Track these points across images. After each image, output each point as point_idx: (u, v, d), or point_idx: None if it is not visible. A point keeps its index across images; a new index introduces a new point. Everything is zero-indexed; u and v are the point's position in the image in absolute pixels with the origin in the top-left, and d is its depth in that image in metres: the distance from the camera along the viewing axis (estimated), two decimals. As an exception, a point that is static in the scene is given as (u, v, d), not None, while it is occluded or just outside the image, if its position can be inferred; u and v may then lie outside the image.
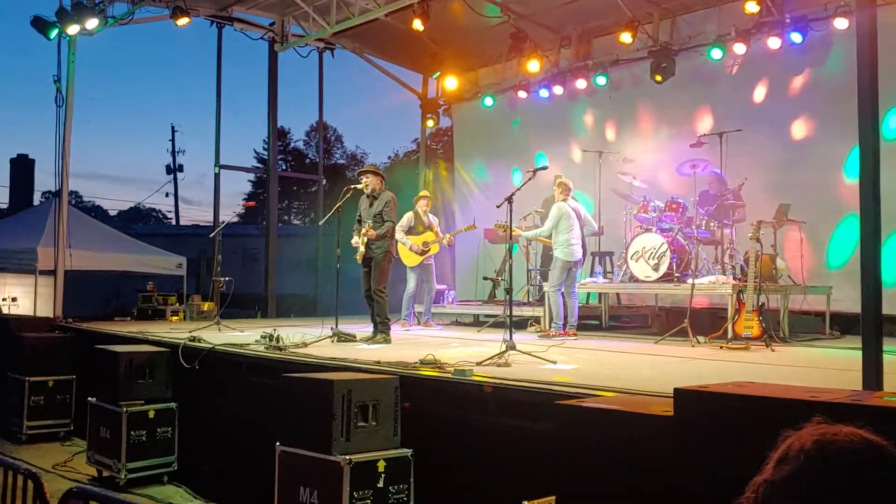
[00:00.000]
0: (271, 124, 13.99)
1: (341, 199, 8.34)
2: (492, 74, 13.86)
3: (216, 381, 7.56)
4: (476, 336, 9.44)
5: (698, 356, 6.96)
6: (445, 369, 5.70)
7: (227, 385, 7.45)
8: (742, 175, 9.25)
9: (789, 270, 9.40)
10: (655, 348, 7.84)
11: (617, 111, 12.05)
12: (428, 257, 10.59)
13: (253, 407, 6.86)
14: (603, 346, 8.03)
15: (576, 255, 8.93)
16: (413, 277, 10.60)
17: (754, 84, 10.66)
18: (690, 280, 8.59)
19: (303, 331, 8.66)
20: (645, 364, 6.44)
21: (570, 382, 4.80)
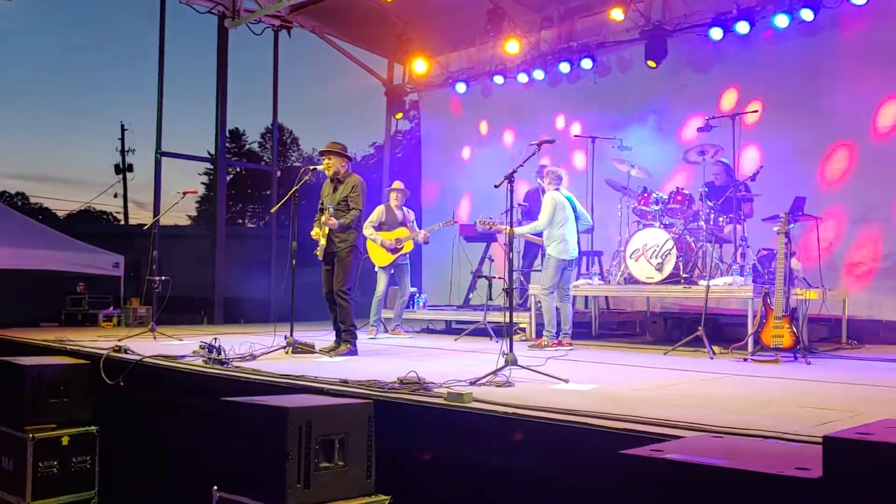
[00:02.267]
0: (219, 108, 12.64)
1: (298, 181, 7.04)
2: (465, 58, 12.83)
3: (145, 402, 6.37)
4: (455, 346, 8.35)
5: (726, 371, 5.94)
6: (434, 391, 4.46)
7: (157, 407, 6.22)
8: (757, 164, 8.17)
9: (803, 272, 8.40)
10: (669, 361, 6.79)
11: (604, 97, 10.99)
12: (402, 256, 9.35)
13: (188, 436, 5.63)
14: (605, 359, 6.93)
15: (572, 253, 7.79)
16: (384, 279, 9.36)
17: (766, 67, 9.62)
18: (704, 282, 7.48)
19: (252, 339, 7.53)
20: (673, 382, 5.34)
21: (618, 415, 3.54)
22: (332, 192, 7.25)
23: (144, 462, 6.22)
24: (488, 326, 8.84)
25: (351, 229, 7.12)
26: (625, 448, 2.72)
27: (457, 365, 6.22)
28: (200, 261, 14.90)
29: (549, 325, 7.67)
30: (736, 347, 7.04)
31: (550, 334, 7.67)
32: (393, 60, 13.89)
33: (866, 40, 8.99)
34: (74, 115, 72.92)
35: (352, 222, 7.09)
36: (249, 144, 39.03)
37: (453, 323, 10.71)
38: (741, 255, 8.03)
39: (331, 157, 7.19)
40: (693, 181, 8.63)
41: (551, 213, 7.70)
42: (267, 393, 4.73)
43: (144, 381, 6.31)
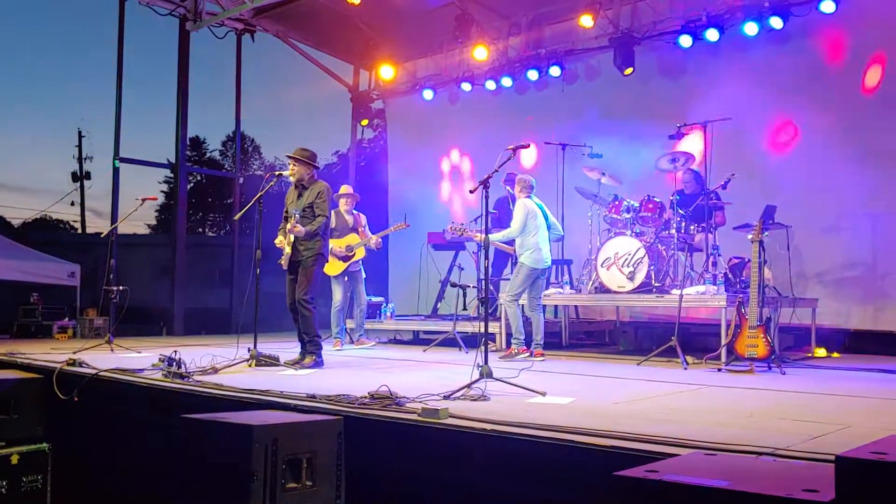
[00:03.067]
0: (180, 113, 12.31)
1: (263, 188, 6.82)
2: (432, 65, 12.69)
3: (101, 418, 6.11)
4: (424, 357, 8.18)
5: (702, 382, 5.86)
6: (407, 407, 4.26)
7: (114, 424, 5.96)
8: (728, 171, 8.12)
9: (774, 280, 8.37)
10: (643, 372, 6.70)
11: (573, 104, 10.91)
12: (354, 263, 9.12)
13: (146, 455, 5.39)
14: (579, 370, 6.82)
15: (545, 262, 7.66)
16: (339, 289, 9.12)
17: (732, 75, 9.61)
18: (676, 291, 7.40)
19: (214, 352, 7.29)
20: (651, 393, 5.23)
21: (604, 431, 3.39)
22: (296, 198, 7.05)
23: (100, 482, 5.99)
24: (458, 336, 8.68)
25: (317, 237, 6.93)
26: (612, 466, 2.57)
27: (428, 377, 6.06)
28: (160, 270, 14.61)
29: (516, 332, 7.53)
30: (710, 357, 6.97)
31: (519, 342, 7.53)
32: (359, 66, 13.72)
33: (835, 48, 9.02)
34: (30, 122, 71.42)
35: (318, 229, 6.89)
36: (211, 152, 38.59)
37: (421, 333, 10.57)
38: (713, 264, 7.97)
39: (297, 164, 6.99)
40: (664, 189, 8.54)
41: (524, 221, 7.56)
42: (230, 409, 4.54)
43: (100, 396, 6.06)
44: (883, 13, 8.70)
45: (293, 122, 54.04)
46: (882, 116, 8.61)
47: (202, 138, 38.03)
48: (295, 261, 6.95)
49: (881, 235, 8.68)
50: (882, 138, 8.60)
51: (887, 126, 8.58)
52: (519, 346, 7.55)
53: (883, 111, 8.63)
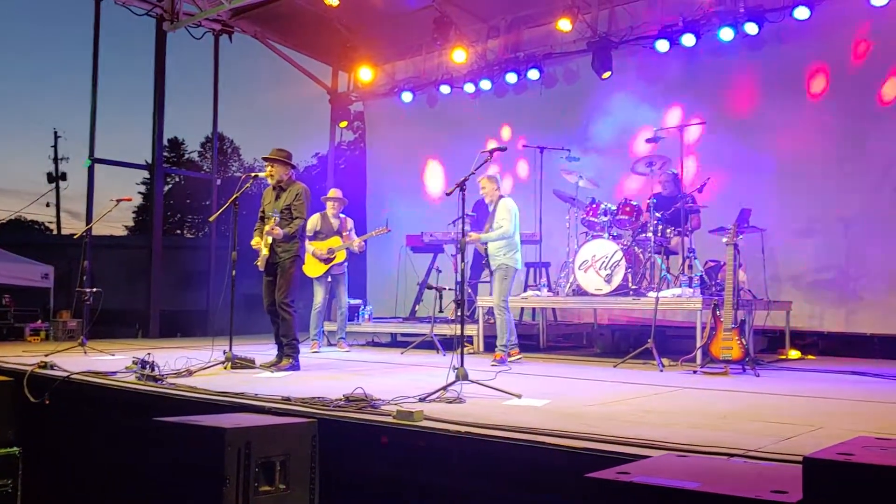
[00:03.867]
0: (157, 114, 12.20)
1: (240, 188, 6.77)
2: (411, 67, 12.68)
3: (73, 421, 6.04)
4: (402, 360, 8.15)
5: (678, 384, 5.89)
6: (382, 409, 4.24)
7: (86, 427, 5.89)
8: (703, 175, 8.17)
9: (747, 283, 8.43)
10: (619, 374, 6.73)
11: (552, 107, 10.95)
12: (338, 266, 9.07)
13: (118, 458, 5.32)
14: (556, 372, 6.83)
15: (521, 262, 7.62)
16: (320, 290, 9.07)
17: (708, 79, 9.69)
18: (653, 293, 7.43)
19: (188, 354, 7.24)
20: (627, 395, 5.23)
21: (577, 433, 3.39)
22: (273, 199, 7.00)
23: (71, 486, 5.89)
24: (435, 339, 8.67)
25: (295, 239, 6.89)
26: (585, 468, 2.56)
27: (405, 380, 6.05)
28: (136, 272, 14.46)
29: (504, 338, 7.42)
30: (685, 360, 7.01)
31: (512, 344, 7.47)
32: (337, 68, 13.68)
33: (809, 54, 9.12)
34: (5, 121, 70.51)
35: (296, 231, 6.85)
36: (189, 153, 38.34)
37: (399, 336, 10.55)
38: (689, 267, 8.02)
39: (274, 165, 6.95)
40: (641, 192, 8.59)
41: (514, 219, 7.45)
42: (203, 412, 4.50)
43: (72, 399, 5.98)
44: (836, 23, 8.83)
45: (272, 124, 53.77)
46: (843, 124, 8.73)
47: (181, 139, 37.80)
48: (272, 262, 6.91)
49: (853, 239, 8.79)
50: (849, 144, 8.71)
51: (854, 132, 8.69)
52: (511, 347, 7.48)
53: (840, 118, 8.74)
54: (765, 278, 8.33)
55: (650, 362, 7.06)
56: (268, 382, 5.85)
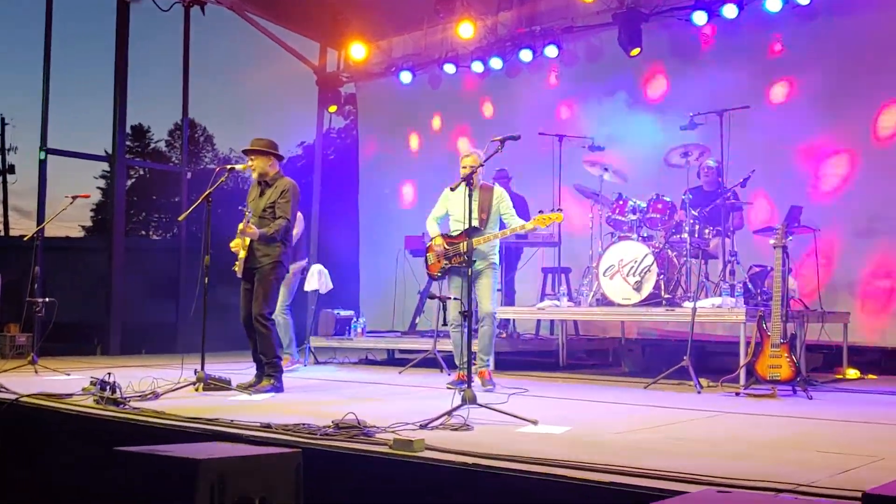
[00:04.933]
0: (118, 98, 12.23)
1: (212, 183, 6.80)
2: (410, 43, 12.71)
3: (21, 451, 6.09)
4: (400, 380, 8.20)
5: (718, 408, 5.90)
6: (377, 437, 4.27)
7: (36, 456, 5.94)
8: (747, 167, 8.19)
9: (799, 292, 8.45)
10: (650, 396, 6.74)
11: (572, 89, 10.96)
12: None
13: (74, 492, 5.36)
14: (577, 395, 6.87)
15: None
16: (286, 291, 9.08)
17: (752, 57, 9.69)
18: (689, 303, 7.45)
19: (155, 374, 7.24)
20: (659, 422, 5.25)
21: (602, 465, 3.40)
22: (257, 196, 7.05)
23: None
24: (439, 356, 8.70)
25: (276, 242, 6.90)
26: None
27: (403, 403, 6.09)
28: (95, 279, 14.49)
29: (489, 351, 7.36)
30: (726, 380, 7.01)
31: (486, 362, 7.33)
32: (326, 45, 13.70)
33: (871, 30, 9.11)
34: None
35: (276, 233, 6.87)
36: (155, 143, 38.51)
37: (397, 352, 10.60)
38: (730, 273, 8.04)
39: (255, 157, 6.99)
40: (675, 187, 8.59)
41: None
42: (172, 440, 4.54)
43: (21, 424, 6.02)
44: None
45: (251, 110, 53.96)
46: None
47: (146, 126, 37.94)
48: (251, 268, 6.94)
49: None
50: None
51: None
52: (484, 366, 7.29)
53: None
54: (818, 286, 8.33)
55: (686, 383, 7.06)
56: (245, 407, 5.88)
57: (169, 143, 37.84)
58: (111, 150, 12.83)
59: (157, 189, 33.63)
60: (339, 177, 15.22)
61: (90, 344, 12.24)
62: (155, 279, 14.69)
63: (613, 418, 5.45)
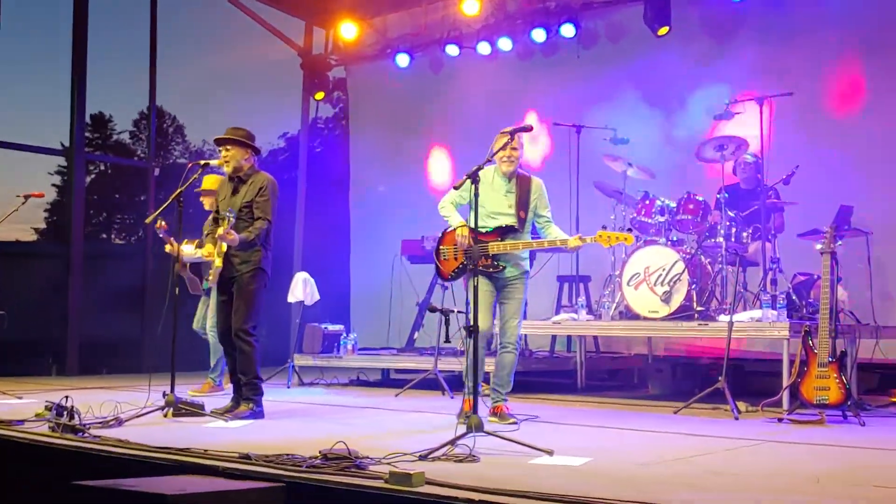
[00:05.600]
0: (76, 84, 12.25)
1: (184, 181, 6.84)
2: (408, 22, 12.75)
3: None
4: (396, 404, 8.26)
5: (758, 436, 5.91)
6: (371, 470, 4.31)
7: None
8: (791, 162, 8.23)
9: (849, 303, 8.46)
10: (681, 422, 6.77)
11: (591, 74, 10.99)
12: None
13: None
14: (598, 420, 6.92)
15: None
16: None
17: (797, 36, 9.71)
18: (724, 317, 7.47)
19: (118, 397, 7.32)
20: (691, 452, 5.25)
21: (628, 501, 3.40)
22: (230, 194, 7.06)
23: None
24: (440, 377, 8.73)
25: (256, 246, 6.92)
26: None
27: (400, 431, 6.13)
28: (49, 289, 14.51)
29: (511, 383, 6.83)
30: (768, 404, 7.05)
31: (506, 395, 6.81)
32: (312, 23, 13.74)
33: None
34: None
35: (257, 237, 6.88)
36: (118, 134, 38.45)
37: (393, 372, 10.65)
38: (771, 282, 8.05)
39: (230, 148, 7.01)
40: (709, 184, 8.62)
41: None
42: (138, 473, 4.58)
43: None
44: None
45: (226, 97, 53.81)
46: None
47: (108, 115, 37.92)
48: (228, 277, 6.95)
49: None
50: None
51: None
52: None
53: None
54: (871, 297, 8.34)
55: (722, 407, 7.09)
56: (222, 434, 5.91)
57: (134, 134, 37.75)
58: (68, 142, 12.86)
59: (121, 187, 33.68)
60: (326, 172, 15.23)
61: (44, 363, 12.24)
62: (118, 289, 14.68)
63: (639, 448, 5.47)
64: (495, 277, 6.56)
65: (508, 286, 6.69)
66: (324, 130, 20.33)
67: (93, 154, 30.97)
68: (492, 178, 6.63)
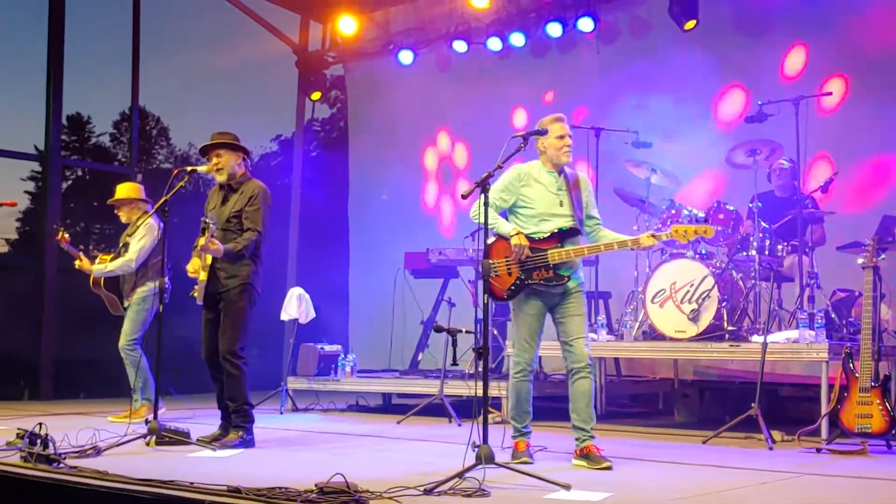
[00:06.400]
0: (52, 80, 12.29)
1: (169, 189, 6.88)
2: (412, 15, 12.86)
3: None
4: (398, 431, 8.29)
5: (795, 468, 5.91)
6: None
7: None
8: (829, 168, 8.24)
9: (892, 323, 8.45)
10: (710, 453, 6.77)
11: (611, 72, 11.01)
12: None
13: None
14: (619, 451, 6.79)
15: None
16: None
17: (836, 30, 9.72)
18: (758, 337, 7.46)
19: (97, 424, 7.37)
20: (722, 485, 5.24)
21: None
22: (220, 203, 7.09)
23: None
24: (447, 402, 8.74)
25: (244, 259, 6.94)
26: None
27: (404, 462, 6.14)
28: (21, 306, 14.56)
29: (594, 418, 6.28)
30: (805, 432, 7.01)
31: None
32: (308, 17, 13.82)
33: None
34: None
35: (245, 249, 6.90)
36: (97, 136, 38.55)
37: (395, 396, 10.68)
38: (809, 299, 8.05)
39: (221, 154, 7.05)
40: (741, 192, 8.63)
41: None
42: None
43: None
44: None
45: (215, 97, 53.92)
46: None
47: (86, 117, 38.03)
48: (214, 293, 6.98)
49: None
50: None
51: None
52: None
53: None
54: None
55: (755, 436, 7.10)
56: (209, 465, 5.95)
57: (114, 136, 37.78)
58: (43, 146, 12.91)
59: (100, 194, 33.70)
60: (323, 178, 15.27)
61: (15, 386, 12.27)
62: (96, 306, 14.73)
63: (664, 482, 5.46)
64: (550, 293, 6.09)
65: (569, 300, 6.17)
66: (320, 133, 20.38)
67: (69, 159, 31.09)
68: (538, 174, 6.22)
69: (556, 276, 6.01)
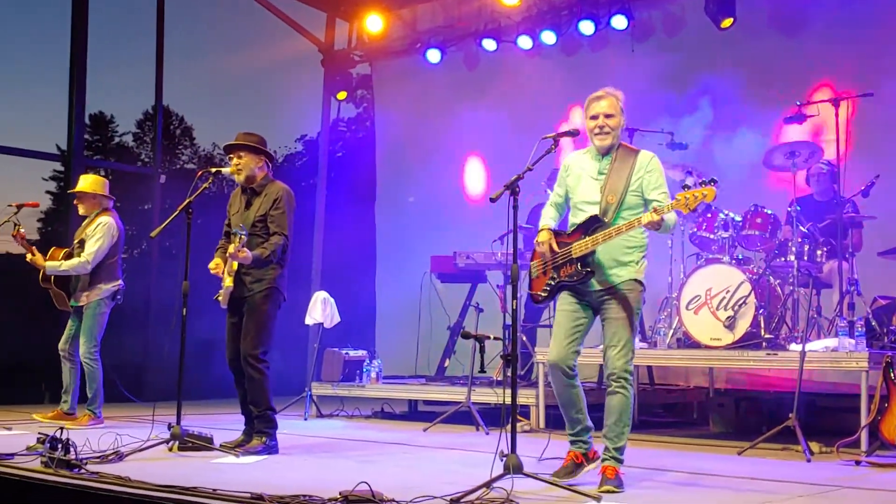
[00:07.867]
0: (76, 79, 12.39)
1: (193, 191, 6.92)
2: (440, 13, 12.91)
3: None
4: (424, 439, 8.28)
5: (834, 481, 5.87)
6: (397, 515, 4.31)
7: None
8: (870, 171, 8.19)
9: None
10: (746, 464, 6.73)
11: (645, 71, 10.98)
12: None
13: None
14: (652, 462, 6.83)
15: None
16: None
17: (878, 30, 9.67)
18: (796, 345, 7.43)
19: (118, 429, 7.41)
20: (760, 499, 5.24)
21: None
22: (244, 207, 7.13)
23: None
24: (474, 410, 8.74)
25: (271, 264, 6.98)
26: None
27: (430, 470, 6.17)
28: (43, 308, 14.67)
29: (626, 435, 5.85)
30: (844, 444, 6.94)
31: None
32: (335, 15, 13.88)
33: None
34: None
35: (273, 254, 6.95)
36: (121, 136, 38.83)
37: (421, 404, 10.67)
38: (849, 307, 8.00)
39: (242, 155, 7.10)
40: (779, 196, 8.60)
41: None
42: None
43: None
44: None
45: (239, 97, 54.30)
46: None
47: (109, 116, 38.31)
48: (239, 297, 7.02)
49: None
50: None
51: None
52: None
53: None
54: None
55: (792, 447, 7.07)
56: (232, 472, 5.97)
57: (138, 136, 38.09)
58: (66, 145, 13.00)
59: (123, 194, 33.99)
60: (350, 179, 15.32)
61: (37, 390, 12.34)
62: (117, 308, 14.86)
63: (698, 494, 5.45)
64: (585, 291, 5.67)
65: (610, 301, 5.67)
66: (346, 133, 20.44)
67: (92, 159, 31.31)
68: (581, 161, 5.94)
69: (578, 270, 5.60)
